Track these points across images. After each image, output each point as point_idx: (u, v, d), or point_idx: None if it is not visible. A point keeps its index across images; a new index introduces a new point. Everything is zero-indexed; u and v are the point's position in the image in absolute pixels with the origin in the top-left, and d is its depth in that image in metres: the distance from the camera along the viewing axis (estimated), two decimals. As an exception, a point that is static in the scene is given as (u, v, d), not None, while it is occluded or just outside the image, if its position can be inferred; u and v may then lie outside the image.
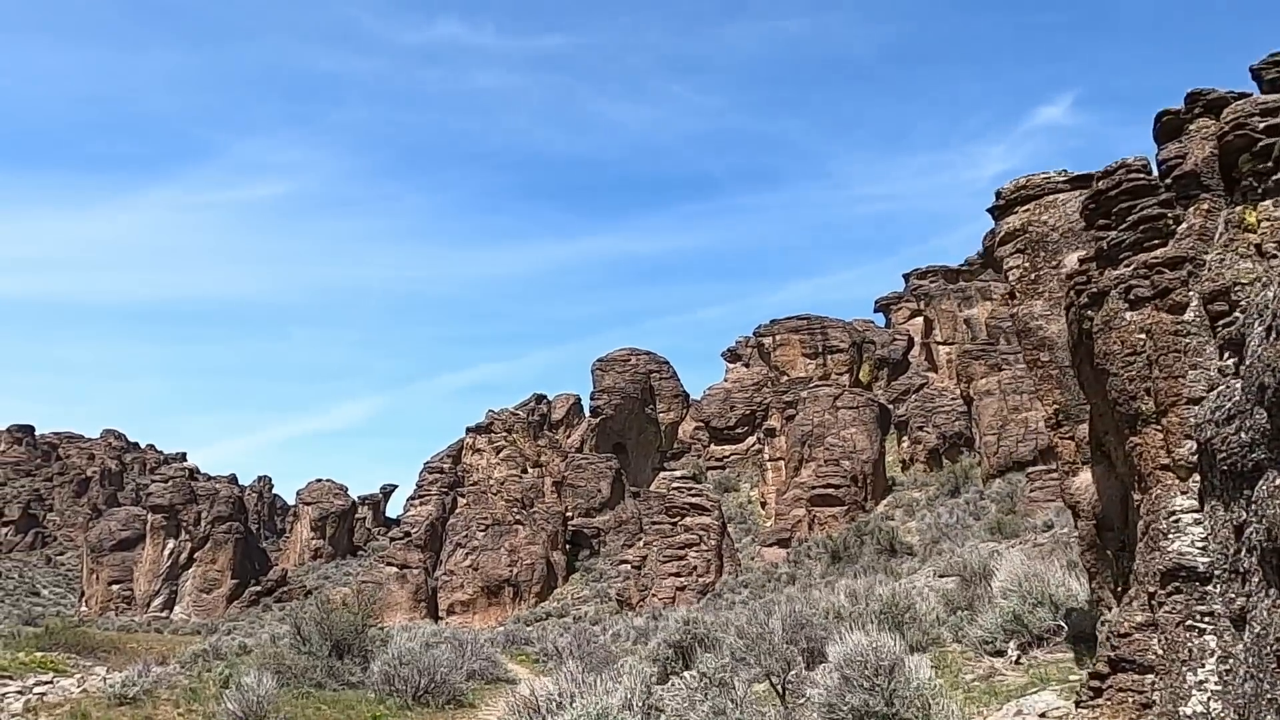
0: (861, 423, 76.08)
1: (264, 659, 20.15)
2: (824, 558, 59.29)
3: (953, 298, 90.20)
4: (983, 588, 17.79)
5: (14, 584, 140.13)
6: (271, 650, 20.57)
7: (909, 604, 16.39)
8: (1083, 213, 9.60)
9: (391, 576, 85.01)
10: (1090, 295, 8.82)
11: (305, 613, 21.39)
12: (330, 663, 20.04)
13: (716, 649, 17.98)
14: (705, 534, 63.41)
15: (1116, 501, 10.00)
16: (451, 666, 18.36)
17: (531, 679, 24.97)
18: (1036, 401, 53.61)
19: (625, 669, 14.99)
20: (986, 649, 13.90)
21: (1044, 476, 49.04)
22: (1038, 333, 11.34)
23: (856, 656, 10.22)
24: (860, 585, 20.65)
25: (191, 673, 23.46)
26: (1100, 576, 10.35)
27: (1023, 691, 11.87)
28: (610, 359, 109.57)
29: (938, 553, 46.39)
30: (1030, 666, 13.02)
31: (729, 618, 24.83)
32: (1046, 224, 11.67)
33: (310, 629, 21.08)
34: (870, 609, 16.49)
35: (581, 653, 27.14)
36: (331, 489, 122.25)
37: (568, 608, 77.98)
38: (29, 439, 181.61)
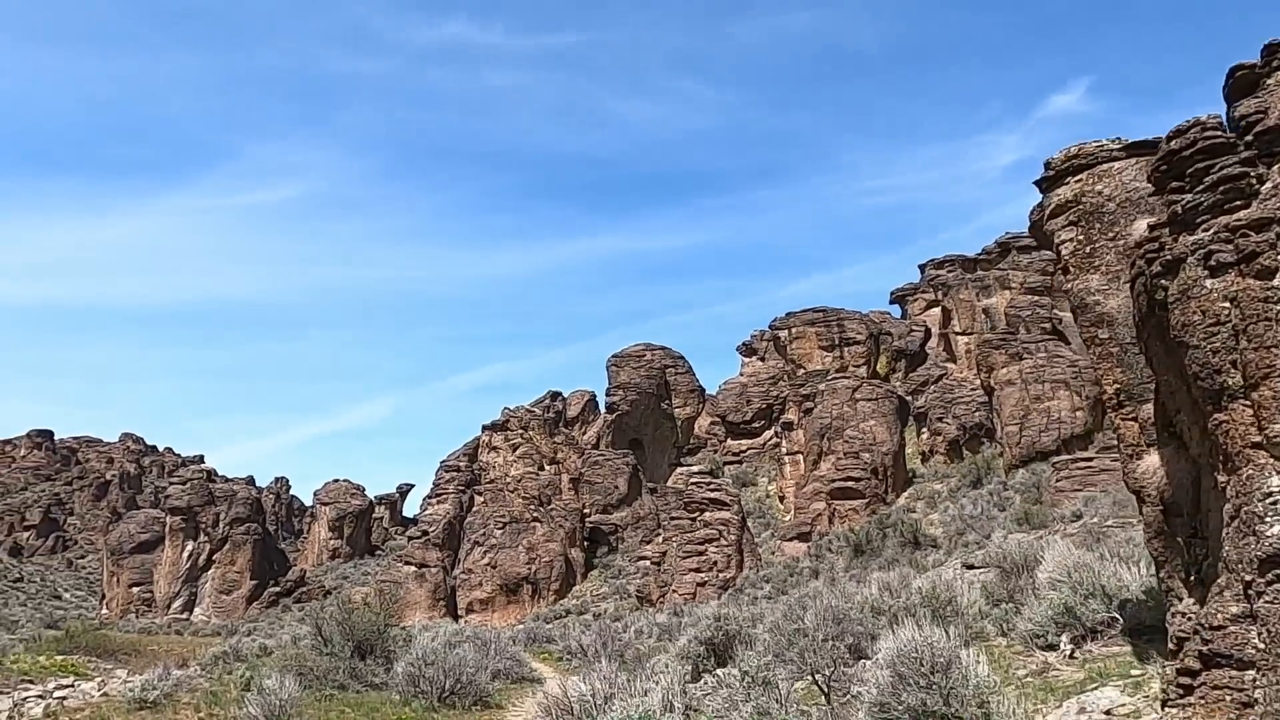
0: (881, 414, 75.29)
1: (285, 661, 19.75)
2: (846, 551, 58.61)
3: (971, 287, 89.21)
4: (1025, 579, 17.17)
5: (36, 587, 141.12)
6: (293, 652, 20.19)
7: (950, 596, 15.80)
8: (1151, 176, 8.97)
9: (410, 576, 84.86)
10: (1164, 263, 8.20)
11: (326, 613, 21.00)
12: (353, 664, 19.62)
13: (750, 645, 17.45)
14: (725, 529, 62.85)
15: (1187, 485, 9.38)
16: (477, 666, 17.91)
17: (558, 678, 24.51)
18: (1059, 390, 52.73)
19: (659, 667, 14.46)
20: (1037, 643, 13.30)
21: (1070, 466, 48.23)
22: (1095, 308, 10.71)
23: (910, 652, 9.66)
24: (893, 578, 20.05)
25: (212, 675, 23.11)
26: (1169, 565, 9.73)
27: (1081, 688, 11.28)
28: (625, 355, 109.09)
29: (963, 545, 45.70)
30: (1086, 661, 12.41)
31: (763, 612, 24.28)
32: (1101, 194, 11.04)
33: (332, 629, 20.67)
34: (910, 602, 15.90)
35: (607, 651, 26.66)
36: (348, 489, 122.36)
37: (587, 605, 77.61)
38: (49, 444, 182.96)
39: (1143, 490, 10.07)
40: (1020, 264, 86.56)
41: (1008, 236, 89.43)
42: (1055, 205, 11.78)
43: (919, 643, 9.66)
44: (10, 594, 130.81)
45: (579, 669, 26.38)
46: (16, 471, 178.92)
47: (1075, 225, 11.43)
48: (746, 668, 10.94)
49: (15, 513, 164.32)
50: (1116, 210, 10.97)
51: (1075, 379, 68.77)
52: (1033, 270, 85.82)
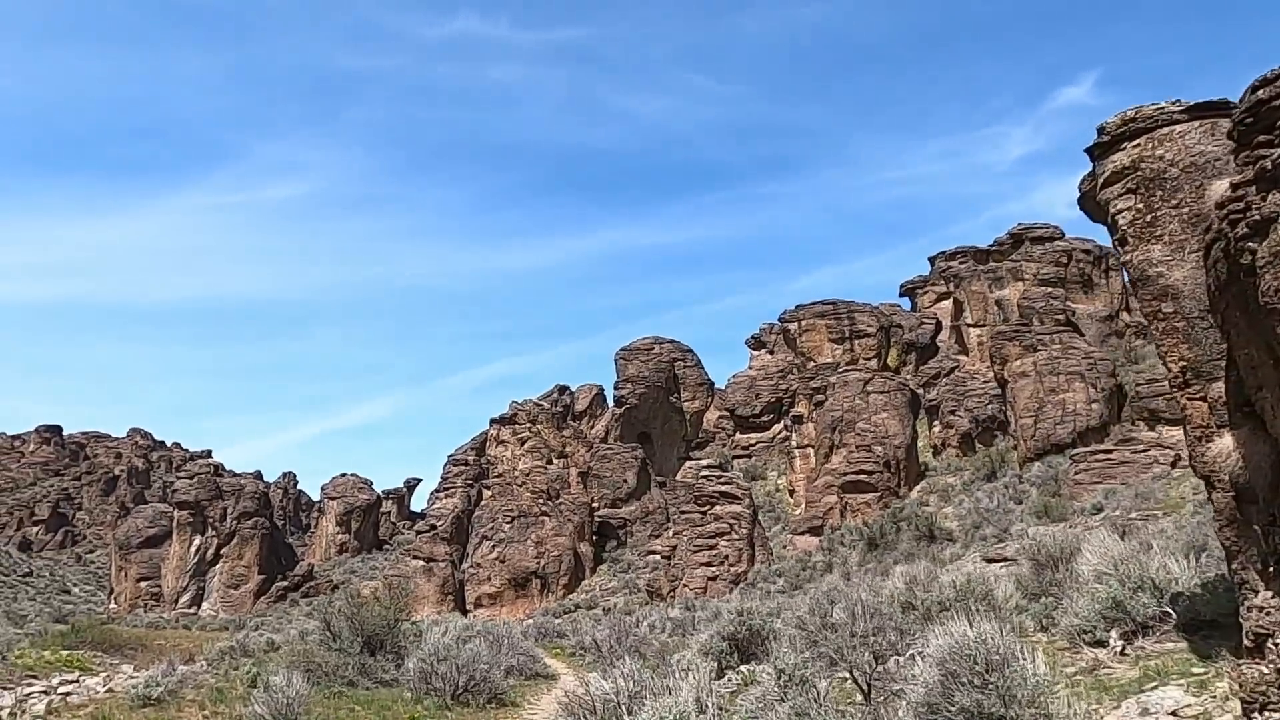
0: (893, 407, 74.50)
1: (293, 657, 19.16)
2: (859, 545, 57.92)
3: (983, 279, 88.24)
4: (1061, 571, 16.48)
5: (45, 582, 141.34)
6: (300, 648, 19.60)
7: (986, 590, 15.11)
8: (1233, 132, 8.23)
9: (418, 570, 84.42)
10: (1250, 225, 7.48)
11: (334, 608, 20.40)
12: (362, 660, 19.02)
13: (773, 641, 16.79)
14: (736, 523, 62.20)
15: (1266, 468, 8.65)
16: (490, 662, 17.30)
17: (574, 674, 23.88)
18: (1074, 382, 51.83)
19: (683, 664, 13.81)
20: (1085, 639, 12.60)
21: (1088, 459, 47.43)
22: (1158, 281, 9.98)
23: (964, 649, 8.98)
24: (920, 571, 19.36)
25: (218, 671, 22.54)
26: (1243, 556, 9.02)
27: (1139, 687, 10.58)
28: (634, 348, 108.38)
29: (980, 538, 44.98)
30: (1139, 658, 11.72)
31: (780, 607, 23.60)
32: (1163, 159, 10.30)
33: (340, 624, 20.08)
34: (944, 596, 15.23)
35: (622, 646, 26.05)
36: (356, 483, 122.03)
37: (596, 599, 77.07)
38: (57, 439, 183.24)
39: (1213, 475, 9.36)
40: (1034, 255, 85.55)
41: (1020, 227, 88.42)
42: (1110, 173, 11.03)
43: (972, 639, 8.98)
44: (20, 588, 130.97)
45: (594, 665, 25.78)
46: (25, 467, 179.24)
47: (1133, 193, 10.68)
48: (783, 665, 10.28)
49: (24, 507, 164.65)
50: (1180, 176, 10.24)
51: (1090, 370, 67.87)
52: (1046, 261, 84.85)
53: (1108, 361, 70.00)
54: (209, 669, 25.53)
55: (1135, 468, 44.79)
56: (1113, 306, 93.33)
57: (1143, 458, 45.65)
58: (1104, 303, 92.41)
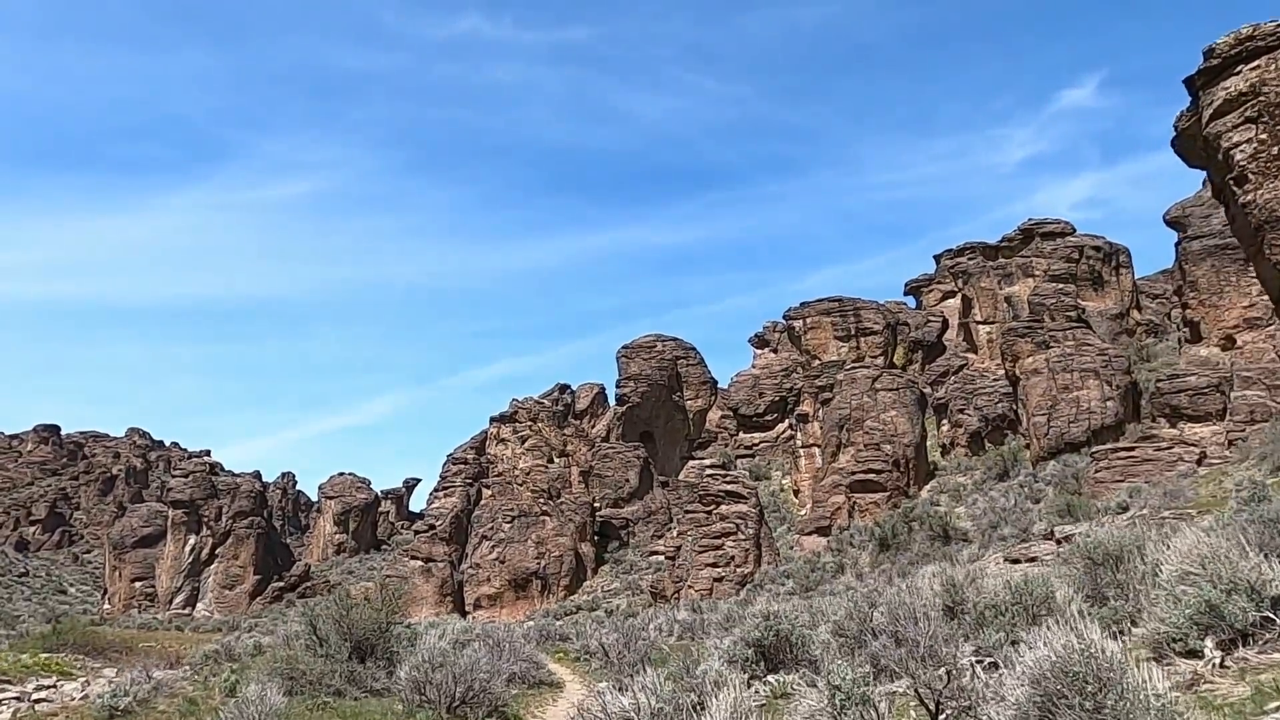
0: (902, 405, 72.88)
1: (275, 663, 17.55)
2: (869, 545, 56.31)
3: (992, 275, 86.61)
4: (1123, 571, 14.86)
5: (41, 582, 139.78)
6: (284, 653, 18.01)
7: (1047, 593, 13.50)
8: None
9: (416, 570, 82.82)
10: None
11: (321, 609, 18.80)
12: (350, 667, 17.40)
13: (803, 648, 15.19)
14: (742, 522, 60.58)
15: None
16: (490, 670, 15.71)
17: (580, 682, 22.27)
18: (1088, 379, 50.24)
19: (712, 676, 12.20)
20: (1175, 648, 10.99)
21: (1110, 456, 45.84)
22: (1291, 222, 8.32)
23: (1068, 664, 7.38)
24: (959, 573, 17.71)
25: (198, 678, 20.94)
26: None
27: (1258, 707, 8.97)
28: (636, 346, 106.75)
29: (999, 538, 43.38)
30: (1245, 671, 10.10)
31: (812, 609, 21.97)
32: (1291, 80, 8.66)
33: (328, 628, 18.45)
34: (998, 599, 13.61)
35: (631, 651, 24.48)
36: (353, 482, 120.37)
37: (598, 601, 75.47)
38: (55, 438, 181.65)
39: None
40: (1044, 250, 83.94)
41: (1031, 223, 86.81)
42: (1222, 101, 9.41)
43: (1079, 651, 7.37)
44: (15, 588, 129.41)
45: (601, 672, 24.18)
46: (23, 466, 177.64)
47: (1253, 122, 9.05)
48: (839, 680, 8.67)
49: (21, 507, 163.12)
50: (1315, 98, 8.57)
51: (1105, 368, 66.27)
52: (1057, 257, 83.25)
53: (1122, 358, 68.41)
54: (188, 676, 23.93)
55: (1159, 465, 43.19)
56: (1123, 304, 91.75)
57: (1166, 455, 44.07)
58: (1114, 300, 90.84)
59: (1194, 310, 54.35)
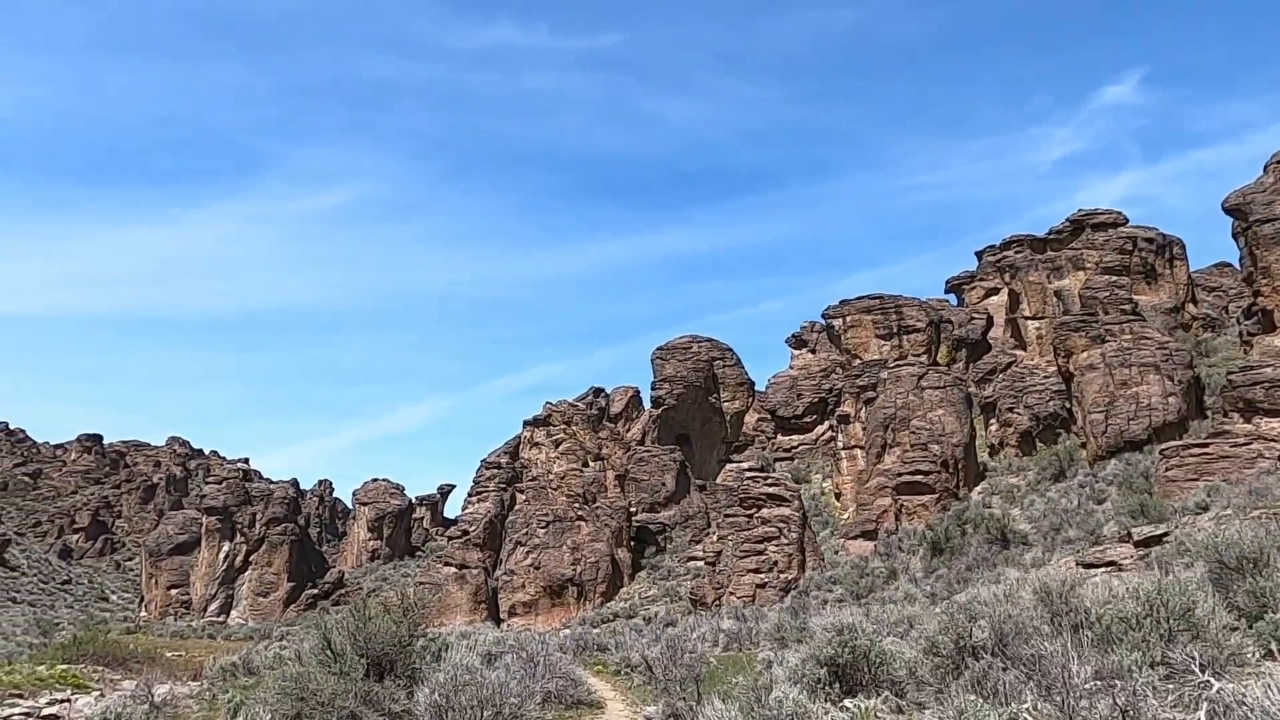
0: (949, 403, 70.04)
1: (285, 682, 15.75)
2: (920, 550, 53.73)
3: (1041, 269, 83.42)
4: (1264, 576, 12.58)
5: (84, 589, 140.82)
6: (295, 670, 16.23)
7: (1186, 604, 11.27)
8: None
9: (450, 577, 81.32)
10: None
11: (336, 620, 17.00)
12: (367, 686, 15.54)
13: (886, 667, 13.04)
14: (785, 526, 58.24)
15: None
16: (522, 691, 13.80)
17: (622, 701, 20.27)
18: (1148, 374, 47.27)
19: (784, 706, 10.12)
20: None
21: (1181, 454, 42.94)
22: None
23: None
24: (1052, 579, 15.45)
25: (206, 696, 19.25)
26: None
27: None
28: (671, 347, 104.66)
29: (1064, 541, 40.70)
30: None
31: (879, 617, 19.75)
32: None
33: (343, 641, 16.62)
34: (1125, 610, 11.41)
35: (677, 665, 22.46)
36: (387, 489, 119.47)
37: (636, 608, 73.41)
38: (98, 448, 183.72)
39: None
40: (1096, 242, 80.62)
41: (1081, 213, 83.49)
42: None
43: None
44: (59, 596, 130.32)
45: (645, 688, 22.19)
46: (67, 475, 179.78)
47: None
48: None
49: (65, 515, 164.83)
50: None
51: (1166, 362, 63.02)
52: (1109, 249, 79.89)
53: (1184, 351, 65.09)
54: (196, 693, 22.30)
55: (1237, 462, 40.28)
56: (1178, 298, 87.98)
57: (1244, 451, 41.12)
58: (1168, 294, 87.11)
59: (1266, 298, 51.16)
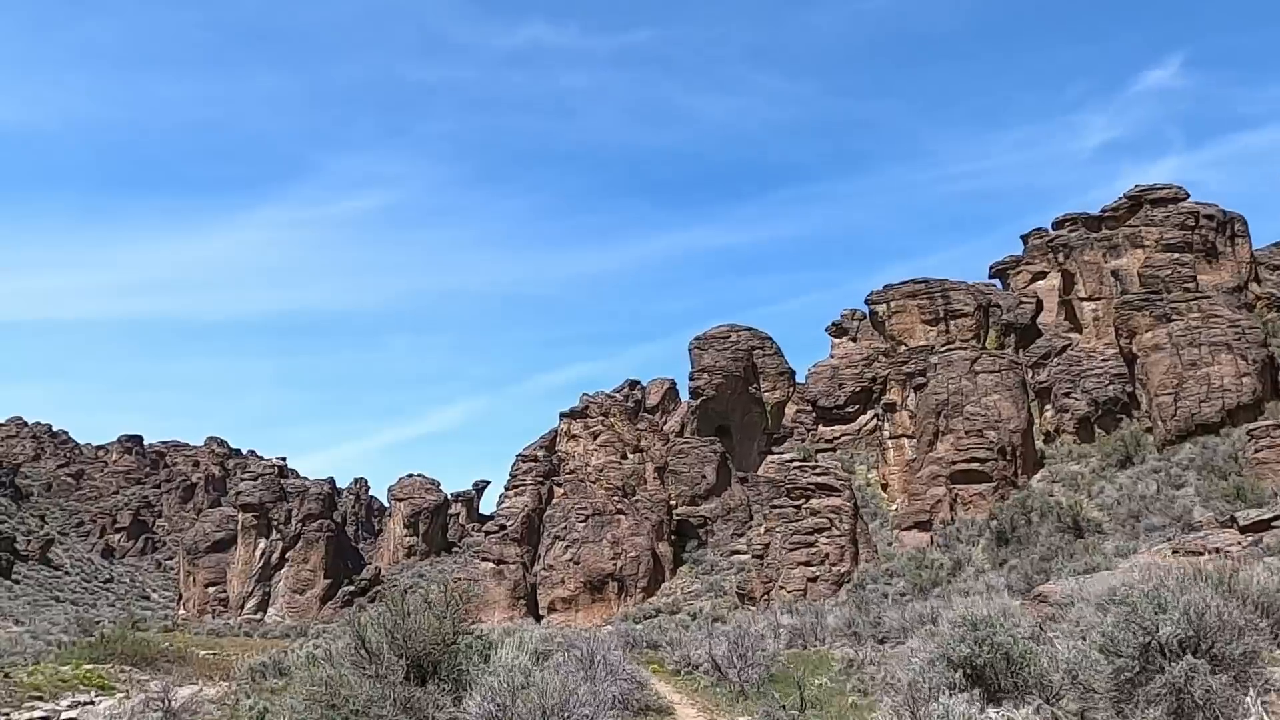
0: (1005, 388, 66.93)
1: (314, 687, 13.72)
2: (981, 541, 50.94)
3: (1097, 248, 79.81)
4: None
5: (125, 588, 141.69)
6: (325, 674, 14.22)
7: None
8: None
9: (488, 573, 79.63)
10: None
11: (371, 617, 14.98)
12: (407, 691, 13.48)
13: (1030, 666, 10.67)
14: (836, 517, 55.66)
15: None
16: (594, 701, 11.66)
17: (692, 705, 18.04)
18: (1219, 354, 44.02)
19: None
20: None
21: (1273, 434, 39.83)
22: None
23: None
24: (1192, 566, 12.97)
25: (228, 702, 17.32)
26: None
27: None
28: (709, 336, 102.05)
29: (1148, 529, 37.78)
30: None
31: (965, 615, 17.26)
32: None
33: (379, 639, 14.56)
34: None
35: (747, 664, 20.25)
36: (423, 484, 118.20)
37: (679, 603, 71.21)
38: (138, 448, 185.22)
39: None
40: (1155, 219, 76.89)
41: (1138, 189, 79.77)
42: None
43: None
44: (100, 594, 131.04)
45: (714, 690, 19.98)
46: (108, 476, 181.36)
47: None
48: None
49: (107, 515, 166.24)
50: None
51: (1239, 340, 59.54)
52: (1170, 225, 76.14)
53: (1257, 329, 61.50)
54: (229, 693, 20.42)
55: (1336, 442, 37.21)
56: (1240, 277, 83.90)
57: (1342, 431, 38.03)
58: (1230, 273, 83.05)
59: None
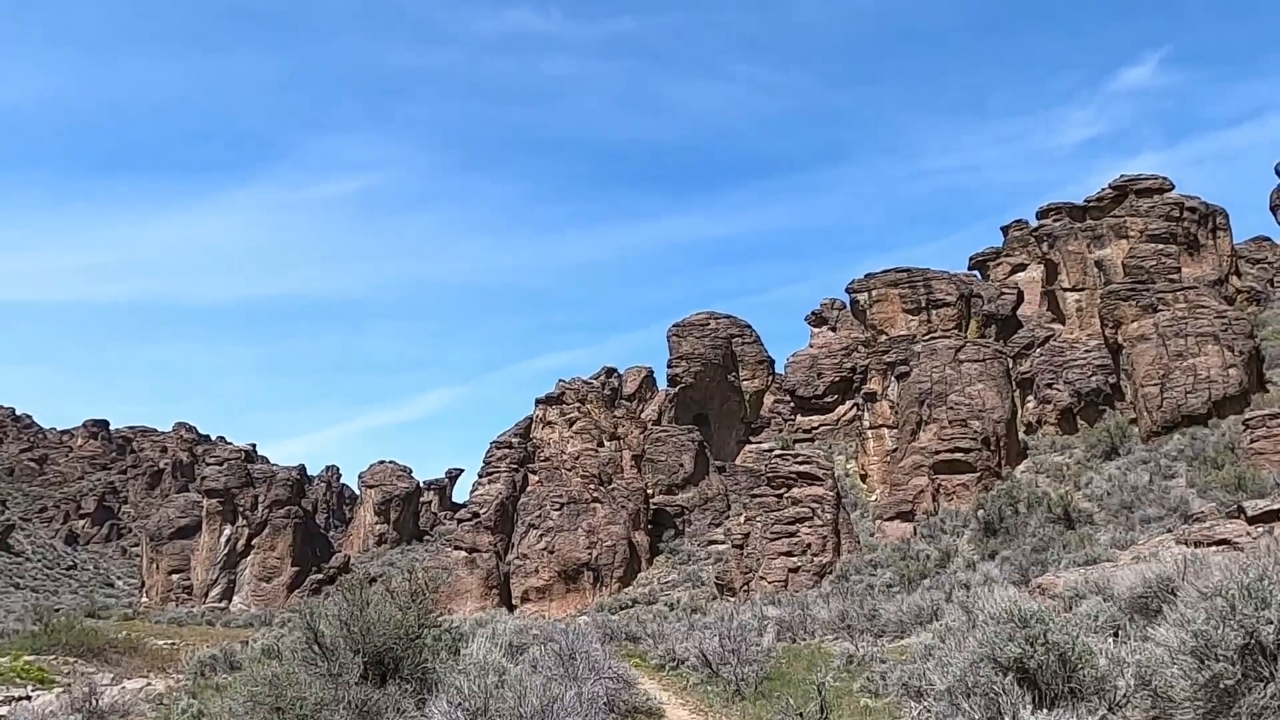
0: (990, 377, 65.97)
1: (257, 687, 11.97)
2: (966, 532, 49.87)
3: (1081, 238, 79.07)
4: None
5: (89, 575, 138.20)
6: (270, 671, 12.48)
7: None
8: None
9: (460, 561, 77.76)
10: None
11: (326, 607, 13.25)
12: (364, 692, 11.77)
13: (1088, 667, 9.16)
14: (819, 506, 54.39)
15: None
16: (583, 707, 10.02)
17: (683, 705, 16.47)
18: (1206, 345, 42.92)
19: None
20: None
21: (1268, 423, 38.94)
22: None
23: None
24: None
25: (169, 701, 15.50)
26: None
27: None
28: (688, 323, 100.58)
29: (1143, 520, 36.75)
30: None
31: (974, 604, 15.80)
32: None
33: (335, 633, 12.83)
34: None
35: (741, 660, 18.74)
36: (394, 471, 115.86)
37: (656, 594, 69.78)
38: (104, 433, 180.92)
39: None
40: (1141, 209, 76.23)
41: (1124, 179, 79.07)
42: None
43: None
44: (63, 581, 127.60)
45: (704, 688, 18.45)
46: (73, 461, 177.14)
47: None
48: None
49: (71, 501, 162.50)
50: None
51: (1226, 331, 58.85)
52: (1156, 216, 75.52)
53: (1244, 320, 60.89)
54: (170, 691, 18.59)
55: (1334, 433, 36.34)
56: (1221, 270, 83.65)
57: (1340, 421, 37.17)
58: (1212, 266, 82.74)
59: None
